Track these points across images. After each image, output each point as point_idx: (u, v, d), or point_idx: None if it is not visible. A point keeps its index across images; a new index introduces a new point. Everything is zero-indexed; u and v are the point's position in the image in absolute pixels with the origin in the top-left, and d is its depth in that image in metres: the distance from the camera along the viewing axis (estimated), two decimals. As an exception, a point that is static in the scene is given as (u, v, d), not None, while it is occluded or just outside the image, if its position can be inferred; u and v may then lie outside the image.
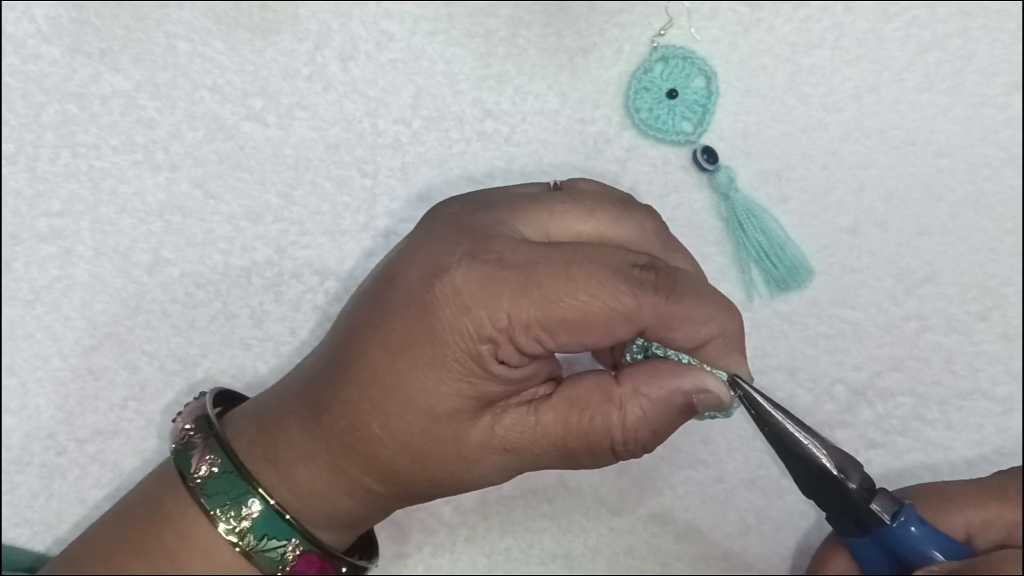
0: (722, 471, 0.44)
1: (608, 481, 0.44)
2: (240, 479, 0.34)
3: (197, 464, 0.35)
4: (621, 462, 0.33)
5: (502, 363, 0.31)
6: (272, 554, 0.34)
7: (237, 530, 0.34)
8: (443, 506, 0.43)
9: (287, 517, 0.34)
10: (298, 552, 0.34)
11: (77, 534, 0.42)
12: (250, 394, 0.39)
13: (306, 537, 0.34)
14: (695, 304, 0.31)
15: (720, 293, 0.33)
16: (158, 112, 0.43)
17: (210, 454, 0.35)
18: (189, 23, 0.43)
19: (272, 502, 0.34)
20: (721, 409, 0.33)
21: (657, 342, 0.32)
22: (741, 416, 0.44)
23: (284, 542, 0.34)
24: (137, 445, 0.43)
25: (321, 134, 0.43)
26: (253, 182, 0.43)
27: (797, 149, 0.43)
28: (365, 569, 0.37)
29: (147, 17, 0.43)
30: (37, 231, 0.43)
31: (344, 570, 0.35)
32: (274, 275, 0.44)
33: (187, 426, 0.36)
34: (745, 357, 0.33)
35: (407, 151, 0.44)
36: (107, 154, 0.43)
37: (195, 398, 0.38)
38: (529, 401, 0.33)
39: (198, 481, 0.34)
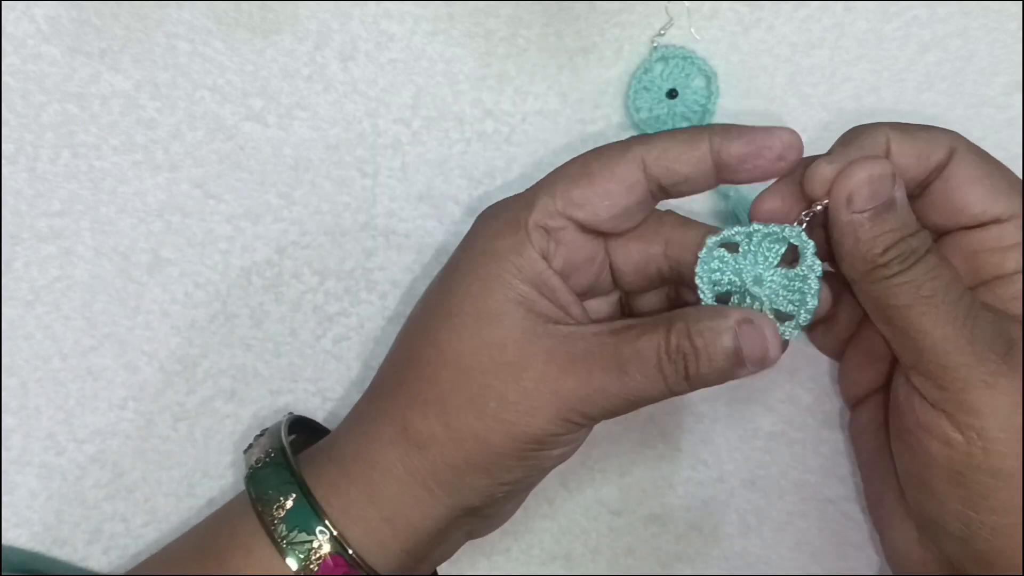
0: (722, 471, 0.44)
1: (609, 481, 0.44)
2: (285, 469, 0.34)
3: (255, 455, 0.35)
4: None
5: (537, 251, 0.33)
6: (299, 548, 0.32)
7: (272, 519, 0.33)
8: (443, 506, 0.44)
9: (314, 507, 0.33)
10: (324, 551, 0.32)
11: (77, 534, 0.43)
12: (252, 391, 0.40)
13: (332, 534, 0.33)
14: (679, 137, 0.33)
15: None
16: (158, 112, 0.43)
17: (269, 447, 0.35)
18: (189, 23, 0.43)
19: (304, 495, 0.33)
20: (765, 352, 0.32)
21: (667, 177, 0.33)
22: (741, 415, 0.44)
23: (311, 537, 0.32)
24: (137, 445, 0.43)
25: (321, 134, 0.43)
26: (253, 182, 0.43)
27: (797, 149, 0.43)
28: None
29: (147, 17, 0.43)
30: (37, 231, 0.43)
31: None
32: (274, 275, 0.44)
33: (258, 432, 0.38)
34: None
35: (407, 151, 0.44)
36: (107, 154, 0.43)
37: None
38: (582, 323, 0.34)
39: (250, 470, 0.35)
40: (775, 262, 0.33)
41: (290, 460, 0.34)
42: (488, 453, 0.32)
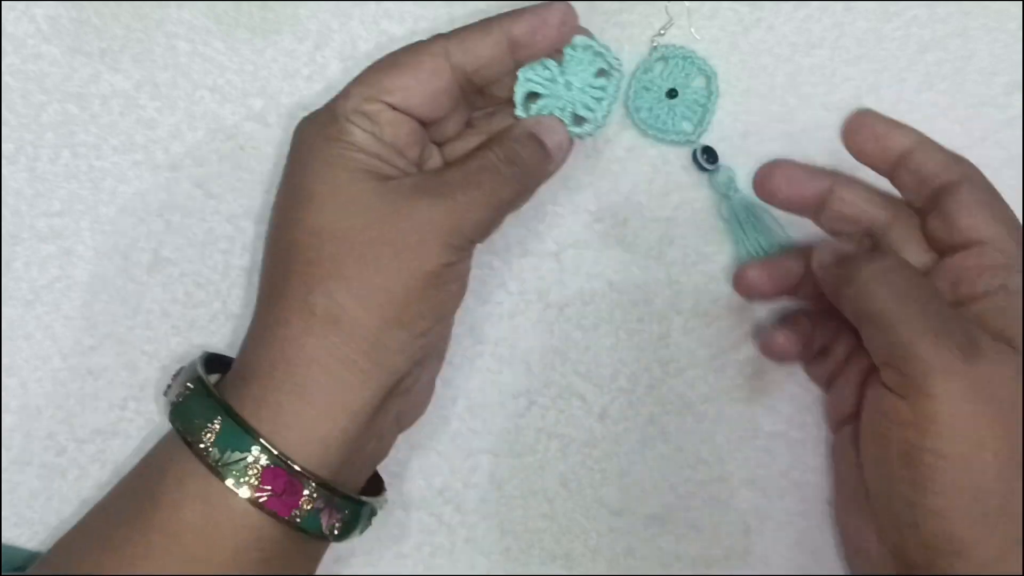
0: (723, 470, 0.44)
1: (609, 481, 0.44)
2: (207, 397, 0.34)
3: (174, 394, 0.36)
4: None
5: (361, 129, 0.36)
6: (235, 467, 0.33)
7: (203, 446, 0.33)
8: (443, 506, 0.44)
9: (242, 424, 0.33)
10: (261, 463, 0.33)
11: (77, 534, 0.43)
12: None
13: (264, 446, 0.33)
14: (473, 29, 0.37)
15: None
16: (158, 112, 0.43)
17: (184, 383, 0.35)
18: (189, 23, 0.43)
19: (230, 416, 0.34)
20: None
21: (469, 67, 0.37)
22: (741, 415, 0.44)
23: (245, 453, 0.33)
24: (137, 445, 0.43)
25: (321, 134, 0.44)
26: (254, 182, 0.44)
27: (797, 149, 0.43)
28: (346, 503, 0.35)
29: (147, 17, 0.43)
30: (37, 231, 0.43)
31: (314, 493, 0.34)
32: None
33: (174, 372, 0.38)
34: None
35: (407, 151, 0.44)
36: (107, 154, 0.43)
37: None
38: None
39: (172, 405, 0.35)
40: (592, 73, 0.39)
41: (209, 387, 0.35)
42: (396, 302, 0.34)
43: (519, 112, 0.39)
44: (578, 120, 0.39)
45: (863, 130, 0.38)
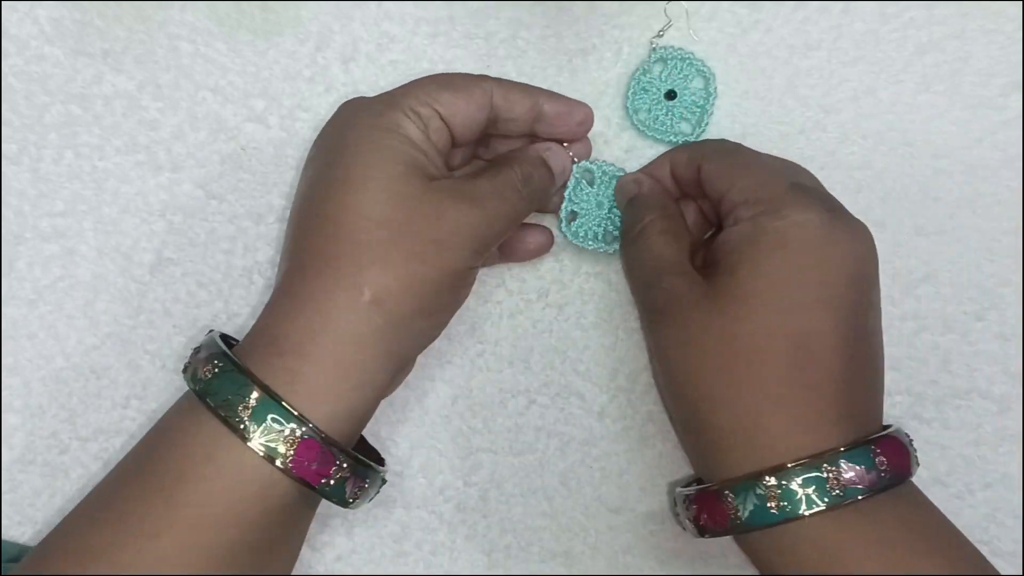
0: (721, 470, 0.44)
1: (608, 479, 0.44)
2: (239, 374, 0.35)
3: (201, 372, 0.36)
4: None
5: (415, 125, 0.38)
6: (271, 439, 0.34)
7: (239, 420, 0.34)
8: (444, 504, 0.44)
9: (276, 398, 0.34)
10: (296, 437, 0.34)
11: (80, 532, 0.43)
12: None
13: (301, 419, 0.34)
14: (518, 87, 0.41)
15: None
16: (160, 113, 0.43)
17: (211, 361, 0.36)
18: (191, 24, 0.43)
19: (264, 390, 0.34)
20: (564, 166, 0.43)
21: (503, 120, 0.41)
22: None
23: (281, 426, 0.34)
24: (139, 444, 0.43)
25: (322, 135, 0.44)
26: (255, 183, 0.44)
27: (795, 150, 0.44)
28: (368, 472, 0.37)
29: (150, 19, 0.43)
30: (40, 231, 0.43)
31: (345, 464, 0.35)
32: (276, 275, 0.44)
33: (192, 348, 0.38)
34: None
35: (408, 152, 0.44)
36: (110, 154, 0.43)
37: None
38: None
39: (202, 383, 0.36)
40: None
41: (240, 364, 0.36)
42: (430, 293, 0.37)
43: (563, 229, 0.43)
44: (611, 239, 0.43)
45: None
